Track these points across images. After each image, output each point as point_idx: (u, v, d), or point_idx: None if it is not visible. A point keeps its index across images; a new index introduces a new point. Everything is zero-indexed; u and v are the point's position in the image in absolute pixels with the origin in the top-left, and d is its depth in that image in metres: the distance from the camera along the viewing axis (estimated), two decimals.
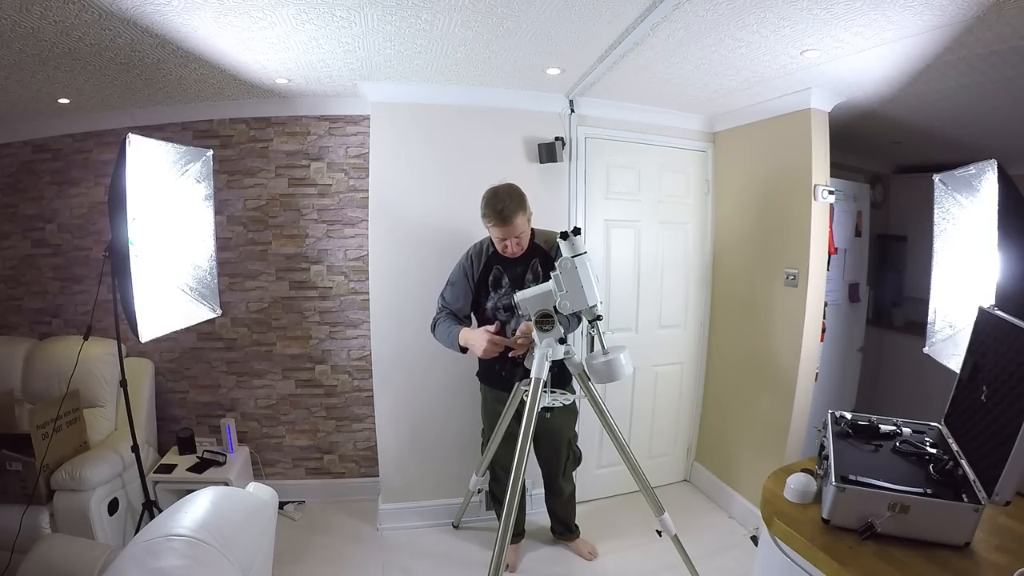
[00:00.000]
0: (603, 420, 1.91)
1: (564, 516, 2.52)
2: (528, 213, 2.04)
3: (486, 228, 2.06)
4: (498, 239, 2.05)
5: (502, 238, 2.03)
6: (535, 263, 2.12)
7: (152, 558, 0.98)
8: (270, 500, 1.41)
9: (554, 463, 2.37)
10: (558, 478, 2.39)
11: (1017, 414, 1.02)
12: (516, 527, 2.49)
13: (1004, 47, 1.71)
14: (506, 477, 2.31)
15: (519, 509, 2.44)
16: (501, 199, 1.97)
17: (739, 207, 2.85)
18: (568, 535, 2.53)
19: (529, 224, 2.06)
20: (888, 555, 1.10)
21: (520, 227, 1.99)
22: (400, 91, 2.45)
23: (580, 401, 2.33)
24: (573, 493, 2.49)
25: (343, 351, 2.91)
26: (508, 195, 1.99)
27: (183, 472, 2.50)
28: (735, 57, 1.98)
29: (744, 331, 2.82)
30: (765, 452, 2.59)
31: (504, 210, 1.95)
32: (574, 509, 2.53)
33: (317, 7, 1.62)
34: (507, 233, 1.99)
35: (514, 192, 2.01)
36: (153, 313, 1.87)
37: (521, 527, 2.55)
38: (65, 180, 2.81)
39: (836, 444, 1.37)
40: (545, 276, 1.98)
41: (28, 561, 1.54)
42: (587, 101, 2.64)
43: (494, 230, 2.02)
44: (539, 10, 1.63)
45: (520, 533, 2.55)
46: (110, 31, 1.73)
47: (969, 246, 1.63)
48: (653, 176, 2.88)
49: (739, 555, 2.45)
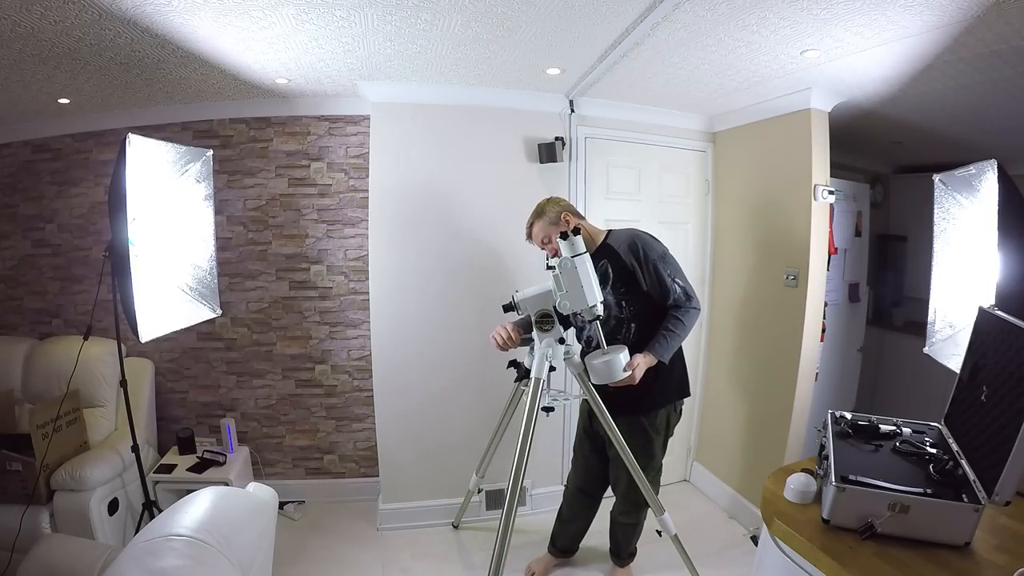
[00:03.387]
0: (603, 420, 1.91)
1: (616, 539, 2.31)
2: (547, 218, 2.01)
3: None
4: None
5: (539, 248, 2.10)
6: (604, 264, 1.97)
7: (152, 558, 0.98)
8: (270, 500, 1.41)
9: (616, 487, 2.16)
10: (621, 504, 2.18)
11: (1017, 414, 1.02)
12: (563, 540, 2.36)
13: (1004, 47, 1.71)
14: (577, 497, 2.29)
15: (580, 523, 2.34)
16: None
17: (739, 207, 2.85)
18: (615, 559, 2.33)
19: (556, 226, 1.98)
20: (888, 555, 1.10)
21: (536, 236, 2.05)
22: (400, 91, 2.45)
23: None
24: (633, 527, 2.23)
25: (343, 351, 2.91)
26: (531, 214, 2.08)
27: (183, 472, 2.49)
28: (735, 57, 1.98)
29: (744, 331, 2.82)
30: (765, 452, 2.59)
31: (527, 230, 2.10)
32: (629, 540, 2.27)
33: (317, 7, 1.62)
34: (536, 243, 2.08)
35: (535, 208, 2.08)
36: (153, 313, 1.87)
37: (569, 542, 2.38)
38: (65, 180, 2.81)
39: (836, 444, 1.37)
40: (617, 278, 1.95)
41: (28, 561, 1.54)
42: (587, 101, 2.64)
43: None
44: (539, 10, 1.63)
45: (566, 550, 2.38)
46: (110, 31, 1.73)
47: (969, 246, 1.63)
48: (653, 176, 2.88)
49: (739, 555, 2.45)
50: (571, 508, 2.32)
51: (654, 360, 1.86)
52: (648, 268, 1.90)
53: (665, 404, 2.01)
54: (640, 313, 1.94)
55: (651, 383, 1.90)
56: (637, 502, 2.10)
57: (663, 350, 1.86)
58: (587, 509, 2.31)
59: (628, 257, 1.93)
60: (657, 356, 1.86)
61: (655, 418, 2.01)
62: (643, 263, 1.90)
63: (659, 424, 2.03)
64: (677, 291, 1.90)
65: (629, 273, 1.92)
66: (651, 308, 1.92)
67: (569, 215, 2.00)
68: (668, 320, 1.90)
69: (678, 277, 1.93)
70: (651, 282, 1.91)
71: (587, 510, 2.31)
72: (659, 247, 1.96)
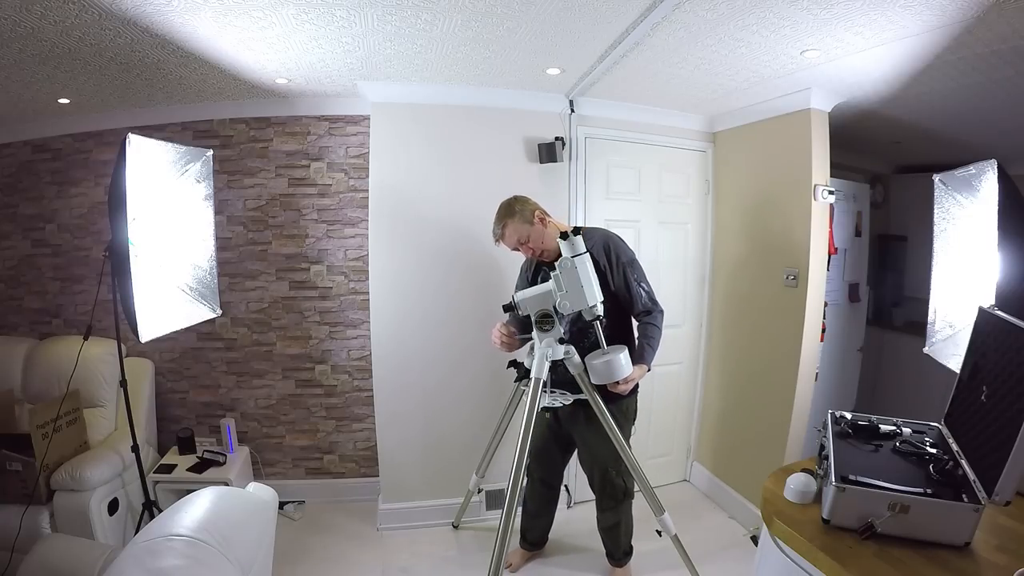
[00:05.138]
0: (603, 420, 1.91)
1: (605, 540, 2.31)
2: (520, 217, 1.97)
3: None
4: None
5: (511, 249, 2.04)
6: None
7: (152, 558, 0.98)
8: (270, 500, 1.41)
9: (592, 486, 2.20)
10: (599, 502, 2.21)
11: (1017, 414, 1.02)
12: (534, 534, 2.41)
13: (1004, 47, 1.71)
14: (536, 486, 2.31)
15: (547, 517, 2.39)
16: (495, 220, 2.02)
17: (739, 207, 2.85)
18: (610, 560, 2.32)
19: (532, 226, 1.97)
20: (888, 555, 1.10)
21: (510, 237, 1.99)
22: (400, 91, 2.45)
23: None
24: (617, 526, 2.22)
25: (343, 351, 2.91)
26: (497, 213, 2.02)
27: (183, 472, 2.49)
28: (735, 57, 1.98)
29: (744, 331, 2.82)
30: (765, 452, 2.59)
31: (494, 231, 2.03)
32: (617, 540, 2.26)
33: (317, 7, 1.62)
34: (509, 245, 2.01)
35: (500, 206, 2.03)
36: (153, 313, 1.87)
37: (539, 535, 2.42)
38: (65, 180, 2.81)
39: (836, 444, 1.37)
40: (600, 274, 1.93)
41: (28, 561, 1.54)
42: (587, 101, 2.64)
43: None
44: (539, 10, 1.63)
45: (537, 542, 2.43)
46: (110, 31, 1.73)
47: (969, 246, 1.63)
48: (653, 176, 2.88)
49: (739, 555, 2.45)
50: (535, 502, 2.36)
51: (646, 370, 1.97)
52: (619, 270, 1.97)
53: (632, 393, 2.09)
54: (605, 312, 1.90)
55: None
56: (614, 496, 2.13)
57: (650, 357, 1.98)
58: (549, 502, 2.39)
59: (601, 257, 1.97)
60: (648, 365, 1.97)
61: (623, 405, 2.08)
62: (614, 265, 1.97)
63: (628, 411, 2.11)
64: (643, 297, 1.99)
65: (600, 273, 1.91)
66: (612, 308, 1.95)
67: (541, 212, 2.01)
68: (646, 328, 2.01)
69: (643, 282, 2.02)
70: (618, 284, 1.97)
71: (549, 503, 2.39)
72: (629, 251, 2.04)
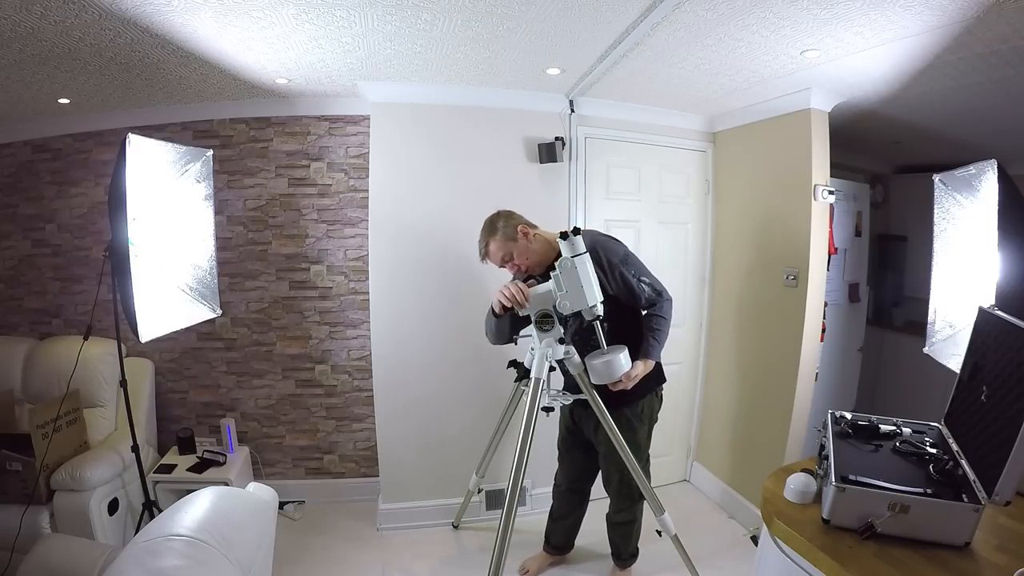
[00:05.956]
0: (603, 420, 1.91)
1: (615, 539, 2.29)
2: (503, 234, 1.93)
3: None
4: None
5: (498, 267, 2.02)
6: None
7: (152, 558, 0.98)
8: (270, 500, 1.41)
9: (607, 486, 2.17)
10: (615, 502, 2.18)
11: (1017, 414, 1.02)
12: (557, 537, 2.37)
13: (1004, 47, 1.71)
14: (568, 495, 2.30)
15: (571, 520, 2.36)
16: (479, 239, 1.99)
17: (739, 207, 2.85)
18: (616, 560, 2.31)
19: (516, 242, 1.94)
20: (888, 555, 1.10)
21: (495, 255, 1.97)
22: (400, 91, 2.45)
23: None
24: (631, 523, 2.20)
25: (343, 351, 2.91)
26: (481, 231, 1.99)
27: (183, 472, 2.49)
28: (735, 57, 1.98)
29: (744, 331, 2.82)
30: (765, 452, 2.59)
31: (479, 249, 1.99)
32: (628, 539, 2.24)
33: (317, 7, 1.62)
34: (495, 263, 1.99)
35: (484, 223, 2.00)
36: (153, 313, 1.87)
37: (562, 538, 2.38)
38: (65, 180, 2.81)
39: (836, 444, 1.37)
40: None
41: (28, 561, 1.54)
42: (587, 101, 2.64)
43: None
44: (539, 10, 1.63)
45: (560, 546, 2.39)
46: (110, 31, 1.73)
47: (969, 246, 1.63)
48: (653, 176, 2.88)
49: (739, 555, 2.45)
50: (562, 506, 2.35)
51: (652, 364, 1.91)
52: (614, 274, 1.91)
53: (646, 394, 2.04)
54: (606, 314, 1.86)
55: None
56: (631, 497, 2.11)
57: (656, 351, 1.92)
58: (578, 505, 2.36)
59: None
60: (652, 359, 1.92)
61: (638, 408, 2.05)
62: (607, 269, 1.90)
63: (643, 413, 2.06)
64: (646, 291, 1.93)
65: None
66: (616, 309, 1.91)
67: (525, 227, 1.97)
68: (651, 321, 1.95)
69: (643, 276, 1.95)
70: (617, 286, 1.92)
71: (578, 506, 2.36)
72: (620, 249, 1.96)
